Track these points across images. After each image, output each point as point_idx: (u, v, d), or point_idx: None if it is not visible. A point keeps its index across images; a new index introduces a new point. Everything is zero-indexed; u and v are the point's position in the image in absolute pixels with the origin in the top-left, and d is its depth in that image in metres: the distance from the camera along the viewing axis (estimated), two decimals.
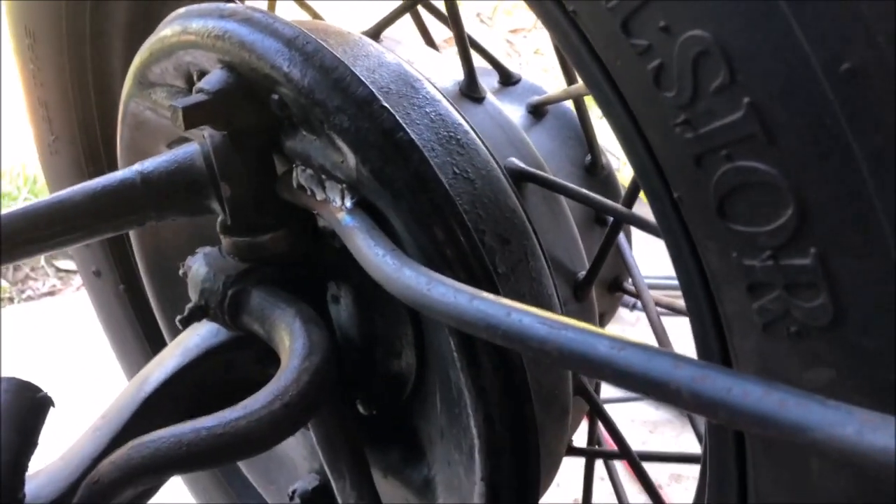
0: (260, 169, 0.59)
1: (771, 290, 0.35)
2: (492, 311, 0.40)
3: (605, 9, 0.36)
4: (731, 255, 0.36)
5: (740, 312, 0.37)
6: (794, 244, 0.33)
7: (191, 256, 0.65)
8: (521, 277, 0.54)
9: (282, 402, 0.50)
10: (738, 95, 0.32)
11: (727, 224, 0.35)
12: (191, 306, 0.62)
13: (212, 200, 0.60)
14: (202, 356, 0.65)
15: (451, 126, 0.54)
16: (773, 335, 0.36)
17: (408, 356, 0.66)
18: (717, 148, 0.34)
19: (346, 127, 0.50)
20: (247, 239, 0.60)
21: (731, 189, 0.34)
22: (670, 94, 0.35)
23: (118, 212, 0.59)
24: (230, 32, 0.55)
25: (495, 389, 0.51)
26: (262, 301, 0.59)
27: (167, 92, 0.66)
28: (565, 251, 0.63)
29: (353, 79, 0.51)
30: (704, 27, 0.32)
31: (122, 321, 1.00)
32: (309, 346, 0.54)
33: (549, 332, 0.38)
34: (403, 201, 0.50)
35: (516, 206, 0.55)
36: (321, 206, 0.55)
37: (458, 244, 0.50)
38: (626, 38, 0.36)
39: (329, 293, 0.69)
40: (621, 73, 0.37)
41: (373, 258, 0.48)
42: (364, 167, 0.50)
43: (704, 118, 0.34)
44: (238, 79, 0.55)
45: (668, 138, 0.36)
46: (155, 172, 0.59)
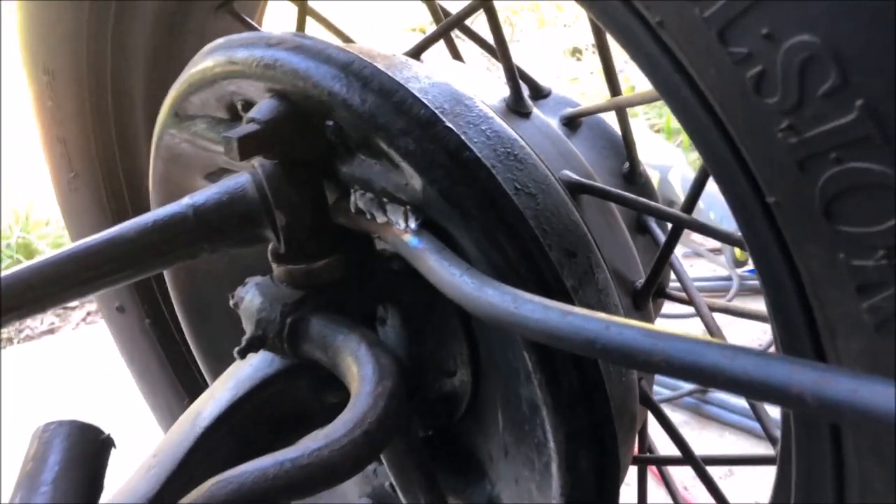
0: (314, 196, 0.58)
1: (884, 289, 0.35)
2: (588, 325, 0.40)
3: (699, 19, 0.36)
4: (839, 257, 0.36)
5: (847, 313, 0.37)
6: None
7: (241, 287, 0.64)
8: (589, 290, 0.54)
9: (362, 429, 0.50)
10: (851, 98, 0.32)
11: (834, 226, 0.36)
12: (248, 337, 0.61)
13: (266, 230, 0.59)
14: (256, 387, 0.64)
15: (507, 142, 0.54)
16: (887, 334, 0.36)
17: (462, 374, 0.66)
18: (825, 151, 0.34)
19: (411, 149, 0.50)
20: (302, 266, 0.60)
21: (840, 191, 0.35)
22: (772, 101, 0.35)
23: (171, 246, 0.58)
24: (281, 61, 0.55)
25: (577, 406, 0.51)
26: (323, 328, 0.59)
27: (207, 123, 0.65)
28: (623, 261, 0.63)
29: (415, 101, 0.51)
30: (813, 32, 0.32)
31: (149, 356, 0.99)
32: (380, 370, 0.54)
33: (655, 343, 0.38)
34: (474, 220, 0.50)
35: (577, 219, 0.55)
36: (383, 230, 0.54)
37: (531, 260, 0.50)
38: (723, 48, 0.36)
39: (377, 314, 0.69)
40: (714, 81, 0.37)
41: (450, 278, 0.47)
42: (432, 188, 0.50)
43: (811, 122, 0.34)
44: (291, 107, 0.55)
45: (767, 144, 0.36)
46: (207, 204, 0.58)
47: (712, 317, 0.63)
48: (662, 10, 0.38)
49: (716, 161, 0.41)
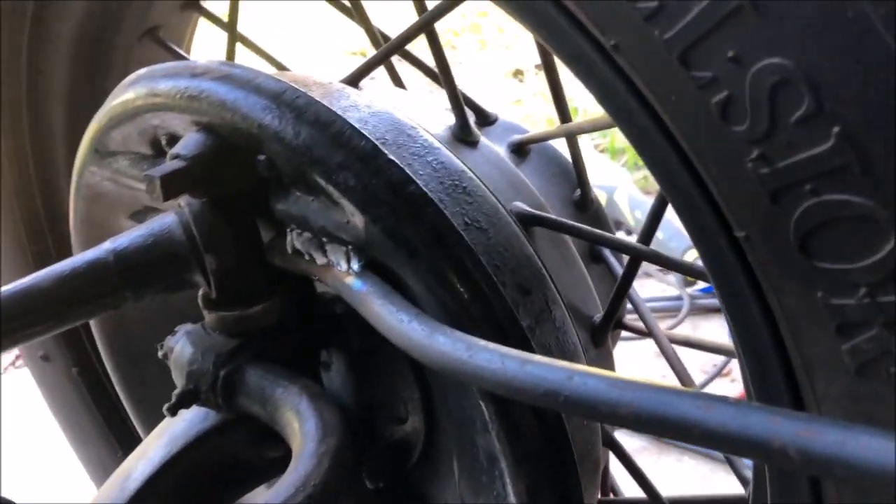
0: (247, 236, 0.54)
1: (867, 330, 0.33)
2: (550, 375, 0.37)
3: (659, 41, 0.33)
4: (817, 295, 0.33)
5: (826, 354, 0.35)
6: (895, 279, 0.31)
7: (170, 336, 0.59)
8: (546, 329, 0.50)
9: (305, 493, 0.45)
10: (827, 125, 0.30)
11: (812, 262, 0.33)
12: (178, 392, 0.56)
13: (195, 274, 0.55)
14: (191, 444, 0.59)
15: (454, 174, 0.51)
16: (870, 376, 0.33)
17: (414, 421, 0.61)
18: (800, 182, 0.32)
19: (351, 185, 0.46)
20: (235, 312, 0.55)
21: (818, 225, 0.32)
22: (741, 128, 0.32)
23: (91, 296, 0.53)
24: (207, 92, 0.51)
25: (538, 456, 0.47)
26: (261, 380, 0.54)
27: (130, 160, 0.61)
28: (579, 295, 0.60)
29: (354, 132, 0.47)
30: (784, 55, 0.30)
31: (79, 408, 0.92)
32: (323, 426, 0.49)
33: (622, 395, 0.35)
34: (421, 259, 0.46)
35: (531, 253, 0.52)
36: (323, 272, 0.50)
37: (484, 300, 0.46)
38: (686, 72, 0.33)
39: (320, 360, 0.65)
40: (676, 108, 0.35)
41: (397, 325, 0.44)
42: (375, 226, 0.46)
43: (784, 152, 0.31)
44: (218, 141, 0.51)
45: (736, 175, 0.34)
46: (129, 249, 0.53)
47: (673, 349, 0.60)
48: (618, 33, 0.35)
49: (677, 192, 0.38)
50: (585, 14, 0.36)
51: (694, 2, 0.31)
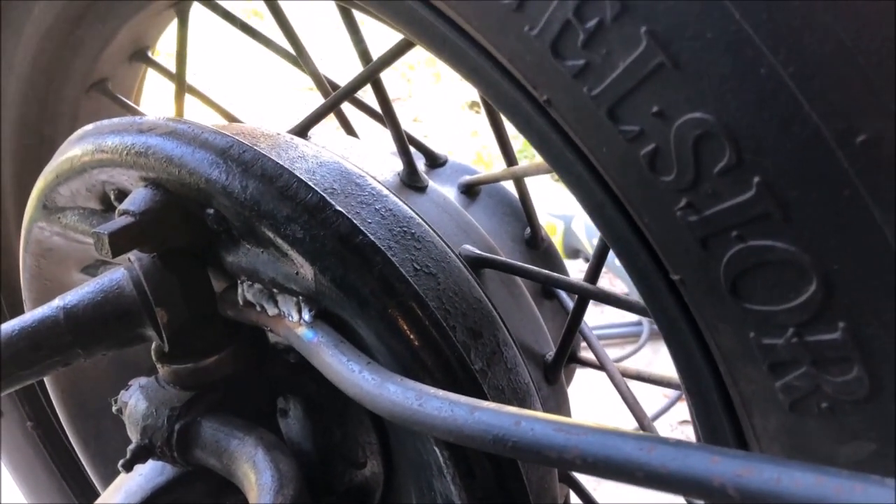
0: (198, 289, 0.54)
1: (797, 368, 0.34)
2: (497, 422, 0.37)
3: (588, 97, 0.34)
4: (749, 335, 0.35)
5: (761, 391, 0.36)
6: (820, 319, 0.32)
7: (124, 391, 0.59)
8: (498, 370, 0.51)
9: None
10: (747, 175, 0.31)
11: (742, 304, 0.34)
12: (133, 447, 0.55)
13: (146, 328, 0.54)
14: (147, 499, 0.58)
15: (403, 220, 0.52)
16: (802, 412, 0.35)
17: (373, 465, 0.62)
18: (726, 229, 0.33)
19: (299, 237, 0.47)
20: (189, 365, 0.55)
21: (745, 269, 0.33)
22: (668, 178, 0.34)
23: (41, 355, 0.52)
24: (154, 148, 0.51)
25: (491, 498, 0.48)
26: (216, 432, 0.54)
27: (79, 215, 0.60)
28: (531, 333, 0.61)
29: (301, 185, 0.47)
30: (705, 109, 0.31)
31: (34, 462, 0.90)
32: (279, 478, 0.49)
33: (568, 438, 0.36)
34: (371, 308, 0.46)
35: (481, 296, 0.52)
36: (275, 322, 0.51)
37: (435, 346, 0.47)
38: (615, 126, 0.34)
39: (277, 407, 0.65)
40: (608, 159, 0.36)
41: (348, 375, 0.44)
42: (324, 277, 0.47)
43: (709, 200, 0.33)
44: (166, 196, 0.51)
45: (667, 222, 0.35)
46: (79, 306, 0.53)
47: (626, 383, 0.61)
48: (550, 89, 0.36)
49: (615, 237, 0.39)
50: (519, 71, 0.37)
51: (619, 60, 0.33)
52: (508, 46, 0.37)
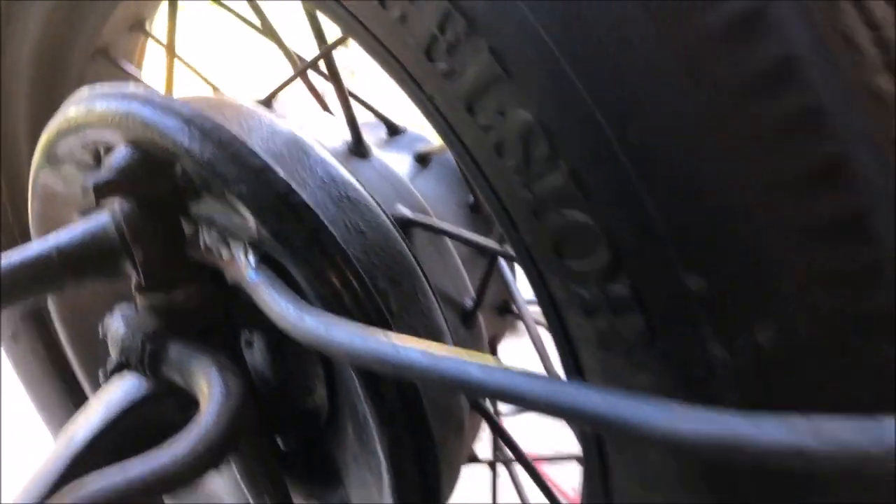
0: (169, 233, 0.64)
1: (601, 313, 0.43)
2: (382, 347, 0.47)
3: (453, 96, 0.44)
4: (570, 286, 0.44)
5: (581, 332, 0.45)
6: (613, 276, 0.41)
7: (108, 316, 0.69)
8: (414, 314, 0.61)
9: (202, 442, 0.56)
10: (560, 161, 0.40)
11: (563, 261, 0.44)
12: (112, 364, 0.66)
13: (125, 264, 0.65)
14: (127, 409, 0.69)
15: (341, 185, 0.61)
16: (608, 350, 0.44)
17: (320, 392, 0.72)
18: (548, 203, 0.42)
19: (244, 193, 0.56)
20: (161, 297, 0.65)
21: (562, 234, 0.43)
22: (510, 163, 0.43)
23: (37, 283, 0.63)
24: (133, 113, 0.61)
25: (397, 416, 0.58)
26: (180, 353, 0.64)
27: (76, 166, 0.71)
28: (452, 285, 0.70)
29: (248, 151, 0.57)
30: (528, 110, 0.40)
31: (43, 381, 1.02)
32: (226, 391, 0.60)
33: (431, 362, 0.45)
34: (301, 256, 0.56)
35: (404, 251, 0.62)
36: (227, 265, 0.61)
37: (353, 291, 0.56)
38: (473, 119, 0.43)
39: (243, 339, 0.75)
40: (473, 144, 0.45)
41: (276, 308, 0.54)
42: (264, 228, 0.56)
43: (536, 180, 0.42)
44: (142, 154, 0.61)
45: (512, 197, 0.44)
46: (70, 244, 0.63)
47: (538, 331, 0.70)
48: (431, 87, 0.45)
49: (491, 204, 0.49)
50: (411, 69, 0.47)
51: (470, 68, 0.42)
52: (399, 50, 0.46)
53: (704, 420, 0.36)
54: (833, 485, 0.42)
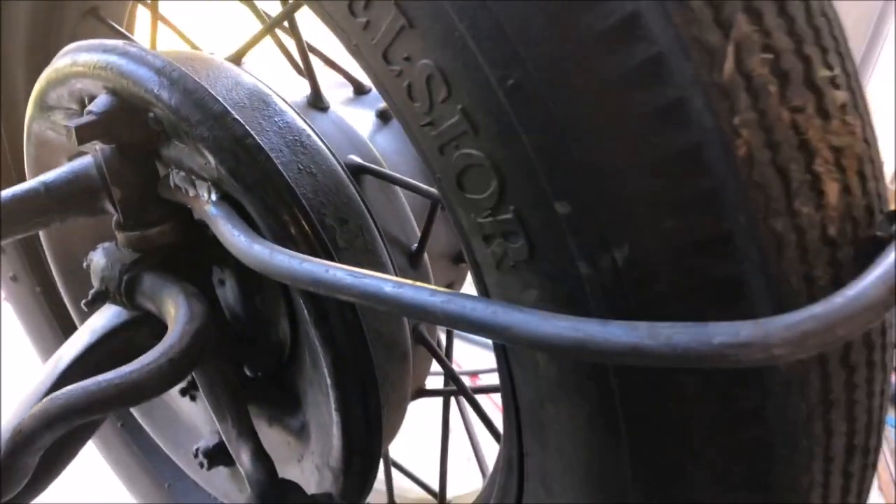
0: (144, 174, 0.71)
1: (495, 239, 0.50)
2: (315, 269, 0.54)
3: (371, 44, 0.50)
4: (470, 216, 0.51)
5: (482, 257, 0.52)
6: (501, 205, 0.48)
7: (92, 252, 0.77)
8: (358, 250, 0.68)
9: (167, 357, 0.63)
10: (455, 104, 0.47)
11: (464, 194, 0.50)
12: (93, 291, 0.74)
13: (105, 203, 0.72)
14: (108, 334, 0.77)
15: (295, 132, 0.68)
16: (502, 270, 0.51)
17: (283, 325, 0.79)
18: (450, 141, 0.49)
19: (205, 136, 0.63)
20: (137, 233, 0.73)
21: (462, 169, 0.49)
22: (418, 105, 0.49)
23: (27, 216, 0.70)
24: (111, 64, 0.67)
25: (338, 337, 0.65)
26: (153, 283, 0.72)
27: (64, 114, 0.78)
28: (400, 229, 0.77)
29: (210, 98, 0.64)
30: (429, 57, 0.47)
31: (41, 319, 1.11)
32: (190, 314, 0.67)
33: (353, 280, 0.52)
34: (254, 193, 0.63)
35: (352, 194, 0.69)
36: (193, 202, 0.68)
37: (299, 224, 0.63)
38: (387, 66, 0.50)
39: (216, 278, 0.82)
40: (390, 89, 0.52)
41: (230, 238, 0.61)
42: (222, 167, 0.63)
43: (439, 121, 0.49)
44: (120, 101, 0.68)
45: (422, 135, 0.51)
46: (56, 182, 0.71)
47: None
48: (354, 37, 0.52)
49: (413, 144, 0.55)
50: (336, 21, 0.53)
51: (382, 20, 0.48)
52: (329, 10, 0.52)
53: (563, 324, 0.42)
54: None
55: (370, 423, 0.68)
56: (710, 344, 0.40)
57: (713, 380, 0.46)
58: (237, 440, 0.71)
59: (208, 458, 0.86)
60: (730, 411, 0.47)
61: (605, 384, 0.50)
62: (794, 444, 0.46)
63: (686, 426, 0.48)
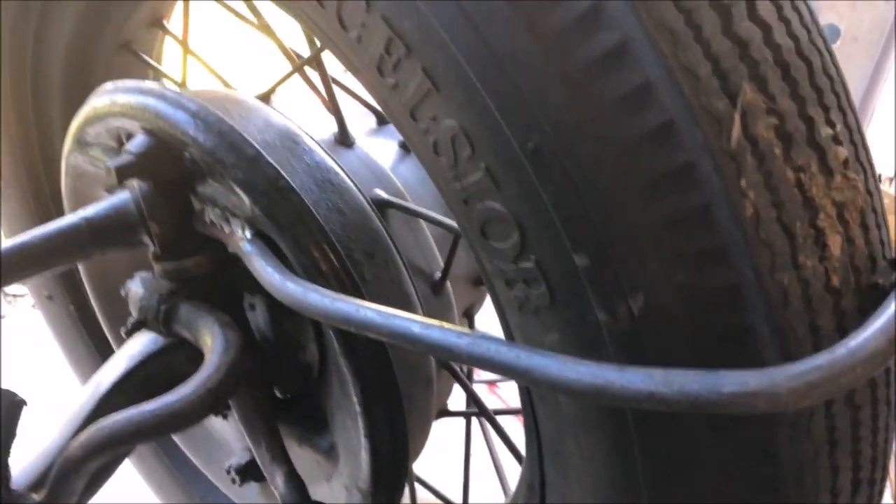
0: (180, 209, 0.75)
1: (517, 284, 0.53)
2: (346, 308, 0.57)
3: (400, 103, 0.53)
4: (494, 262, 0.54)
5: (506, 299, 0.55)
6: (522, 255, 0.51)
7: (129, 280, 0.81)
8: (385, 282, 0.71)
9: (205, 387, 0.67)
10: (478, 161, 0.50)
11: (488, 242, 0.53)
12: (132, 320, 0.78)
13: (143, 236, 0.76)
14: (145, 360, 0.81)
15: (324, 170, 0.71)
16: (524, 313, 0.54)
17: (311, 349, 0.83)
18: (473, 194, 0.52)
19: (240, 178, 0.67)
20: (174, 264, 0.76)
21: (485, 220, 0.52)
22: (443, 160, 0.53)
23: (69, 250, 0.74)
24: (149, 106, 0.71)
25: (367, 368, 0.68)
26: (189, 312, 0.75)
27: (101, 149, 0.81)
28: (423, 258, 0.80)
29: (244, 141, 0.67)
30: (454, 118, 0.50)
31: (75, 337, 1.15)
32: (225, 344, 0.71)
33: (383, 320, 0.55)
34: (287, 232, 0.66)
35: (378, 228, 0.72)
36: (228, 238, 0.71)
37: (329, 261, 0.67)
38: (415, 123, 0.53)
39: (247, 302, 0.86)
40: (416, 144, 0.55)
41: (265, 275, 0.64)
42: (256, 207, 0.67)
43: (463, 175, 0.52)
44: (157, 141, 0.71)
45: (447, 187, 0.54)
46: (96, 218, 0.74)
47: None
48: (381, 94, 0.55)
49: (439, 191, 0.58)
50: (367, 82, 0.56)
51: (410, 83, 0.51)
52: (357, 66, 0.55)
53: (583, 369, 0.45)
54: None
55: (397, 447, 0.72)
56: (721, 392, 0.42)
57: (724, 420, 0.49)
58: (271, 464, 0.75)
59: (240, 475, 0.89)
60: (739, 449, 0.50)
61: (624, 422, 0.53)
62: (801, 480, 0.49)
63: (698, 463, 0.51)
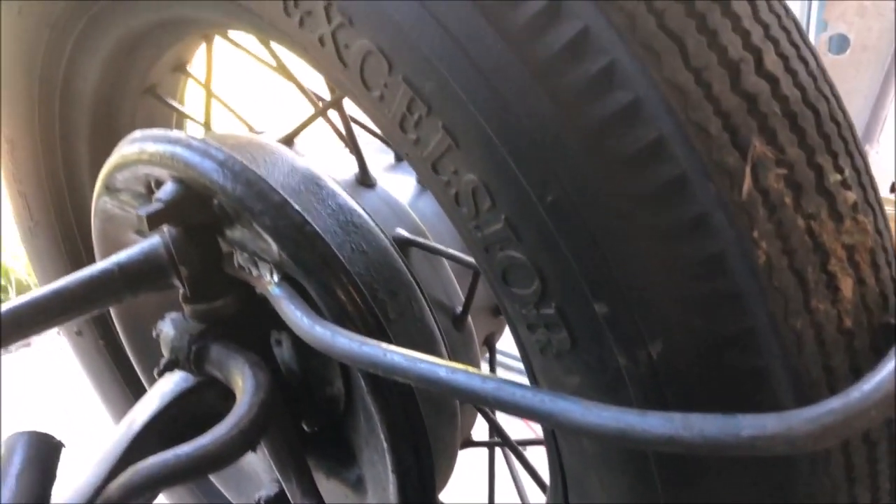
0: (209, 253, 0.77)
1: (539, 328, 0.55)
2: (374, 352, 0.59)
3: (421, 157, 0.55)
4: (514, 307, 0.56)
5: (528, 342, 0.57)
6: (543, 301, 0.53)
7: (161, 321, 0.83)
8: (409, 320, 0.73)
9: (238, 428, 0.69)
10: (499, 213, 0.52)
11: (509, 288, 0.55)
12: (164, 361, 0.80)
13: (174, 279, 0.78)
14: (177, 398, 0.83)
15: (347, 212, 0.73)
16: (546, 356, 0.56)
17: (337, 384, 0.85)
18: (494, 243, 0.54)
19: (267, 224, 0.69)
20: (203, 306, 0.79)
21: (506, 267, 0.54)
22: (464, 210, 0.55)
23: (102, 295, 0.77)
24: (177, 155, 0.74)
25: (393, 406, 0.70)
26: (220, 353, 0.78)
27: (131, 194, 0.84)
28: (444, 294, 0.82)
29: (270, 189, 0.70)
30: (474, 173, 0.52)
31: (104, 370, 1.18)
32: (256, 385, 0.73)
33: (410, 364, 0.57)
34: (313, 276, 0.69)
35: (401, 267, 0.74)
36: (256, 281, 0.74)
37: (354, 303, 0.69)
38: (437, 176, 0.55)
39: (273, 339, 0.88)
40: (438, 194, 0.57)
41: (293, 318, 0.67)
42: (283, 252, 0.69)
43: (484, 226, 0.54)
44: (186, 189, 0.74)
45: (468, 236, 0.56)
46: (128, 262, 0.77)
47: None
48: (403, 149, 0.57)
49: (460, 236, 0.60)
50: (387, 133, 0.58)
51: (431, 139, 0.53)
52: (381, 124, 0.58)
53: (605, 414, 0.47)
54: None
55: (424, 480, 0.74)
56: (739, 436, 0.44)
57: (743, 460, 0.51)
58: (302, 499, 0.77)
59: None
60: (759, 487, 0.51)
61: (645, 460, 0.54)
62: None
63: (719, 496, 0.53)
